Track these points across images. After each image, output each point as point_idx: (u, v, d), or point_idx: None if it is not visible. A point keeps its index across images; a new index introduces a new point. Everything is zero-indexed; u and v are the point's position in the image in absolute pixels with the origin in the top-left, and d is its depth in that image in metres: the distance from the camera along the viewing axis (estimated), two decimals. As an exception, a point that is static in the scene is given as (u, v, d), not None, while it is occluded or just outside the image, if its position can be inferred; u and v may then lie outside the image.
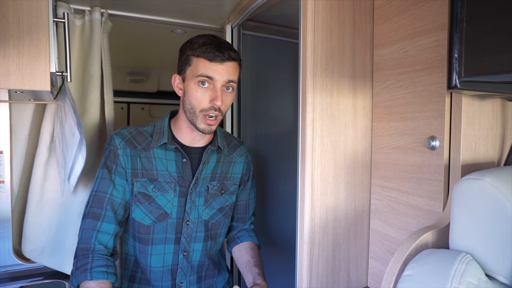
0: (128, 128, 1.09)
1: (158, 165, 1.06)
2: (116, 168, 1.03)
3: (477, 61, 0.70)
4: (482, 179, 0.71)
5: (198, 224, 1.11)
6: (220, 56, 0.96)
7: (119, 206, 1.03)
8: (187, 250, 1.10)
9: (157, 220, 1.06)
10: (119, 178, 1.04)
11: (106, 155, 1.05)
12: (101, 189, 1.02)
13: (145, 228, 1.06)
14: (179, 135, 1.09)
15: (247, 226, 1.29)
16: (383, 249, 1.10)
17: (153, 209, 1.05)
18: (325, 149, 1.05)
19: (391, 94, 1.06)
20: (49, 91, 0.91)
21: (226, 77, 0.98)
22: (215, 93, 0.97)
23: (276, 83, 1.76)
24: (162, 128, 1.08)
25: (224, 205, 1.16)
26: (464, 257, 0.70)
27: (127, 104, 3.05)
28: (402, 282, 0.73)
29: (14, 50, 0.84)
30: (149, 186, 1.04)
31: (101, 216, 1.00)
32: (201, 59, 0.97)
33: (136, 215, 1.05)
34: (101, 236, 0.99)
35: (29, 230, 1.31)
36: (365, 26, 1.11)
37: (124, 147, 1.03)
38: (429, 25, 0.92)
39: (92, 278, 0.92)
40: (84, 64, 1.39)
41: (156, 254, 1.08)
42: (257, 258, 1.17)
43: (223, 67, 0.97)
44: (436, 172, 0.91)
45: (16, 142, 1.32)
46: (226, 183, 1.17)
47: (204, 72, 0.96)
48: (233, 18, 1.58)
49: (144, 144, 1.06)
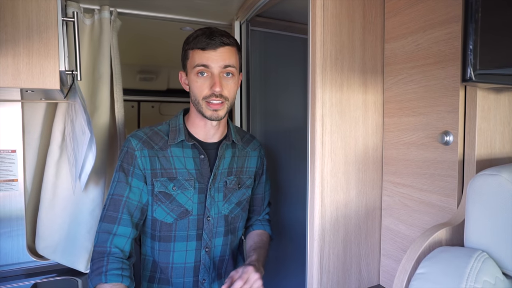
0: (143, 129, 1.09)
1: (176, 163, 1.06)
2: (133, 170, 1.03)
3: (493, 53, 0.68)
4: (498, 174, 0.69)
5: (218, 219, 1.11)
6: (212, 44, 0.97)
7: (135, 209, 1.03)
8: (209, 246, 1.11)
9: (178, 218, 1.06)
10: (136, 180, 1.03)
11: (122, 157, 1.05)
12: (117, 192, 1.02)
13: (167, 226, 1.06)
14: (193, 130, 1.10)
15: (261, 217, 1.30)
16: (395, 246, 1.08)
17: (174, 207, 1.05)
18: (335, 145, 1.03)
19: (403, 88, 1.03)
20: (59, 90, 0.91)
21: (221, 63, 0.99)
22: (213, 80, 0.99)
23: (285, 79, 1.74)
24: (177, 125, 1.09)
25: (242, 198, 1.17)
26: (480, 255, 0.68)
27: (137, 103, 3.08)
28: (415, 281, 0.71)
29: (24, 49, 0.85)
30: (169, 185, 1.05)
31: (117, 220, 1.00)
32: (196, 50, 0.99)
33: (157, 215, 1.06)
34: (117, 239, 0.99)
35: (42, 228, 1.33)
36: (376, 20, 1.08)
37: (142, 148, 1.04)
38: (442, 17, 0.89)
39: (107, 281, 0.92)
40: (93, 62, 1.40)
41: (179, 251, 1.08)
42: (258, 244, 1.16)
43: (216, 53, 0.98)
44: (449, 168, 0.89)
45: (29, 141, 1.33)
46: (242, 177, 1.18)
47: (199, 61, 0.98)
48: (241, 14, 1.57)
49: (161, 144, 1.06)
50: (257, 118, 1.72)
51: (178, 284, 1.10)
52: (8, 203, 1.29)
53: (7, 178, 1.29)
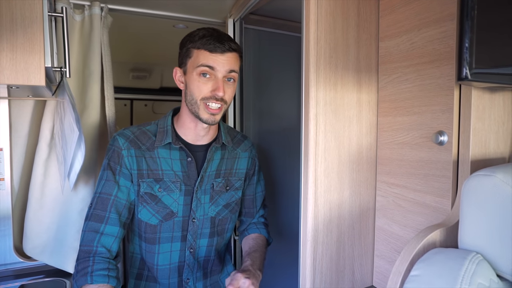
0: (130, 128, 1.07)
1: (163, 164, 1.05)
2: (120, 169, 1.02)
3: (489, 51, 0.67)
4: (493, 175, 0.68)
5: (203, 221, 1.11)
6: (221, 47, 0.96)
7: (124, 208, 1.02)
8: (193, 247, 1.10)
9: (163, 220, 1.05)
10: (123, 180, 1.02)
11: (109, 156, 1.03)
12: (105, 191, 1.00)
13: (152, 228, 1.05)
14: (182, 132, 1.08)
15: (255, 220, 1.27)
16: (388, 247, 1.07)
17: (160, 209, 1.04)
18: (329, 145, 1.02)
19: (397, 87, 1.02)
20: (45, 87, 0.89)
21: (227, 67, 0.98)
22: (217, 84, 0.97)
23: (279, 77, 1.73)
24: (165, 127, 1.07)
25: (230, 201, 1.16)
26: (474, 257, 0.67)
27: (130, 101, 3.04)
28: (409, 283, 0.70)
29: (7, 44, 0.82)
30: (155, 186, 1.03)
31: (105, 219, 0.98)
32: (202, 51, 0.97)
33: (142, 216, 1.05)
34: (104, 238, 0.97)
35: (30, 228, 1.30)
36: (370, 18, 1.07)
37: (128, 148, 1.02)
38: (437, 15, 0.88)
39: (93, 282, 0.90)
40: (84, 60, 1.37)
41: (163, 252, 1.07)
42: (253, 248, 1.15)
43: (224, 57, 0.97)
44: (444, 168, 0.88)
45: (16, 139, 1.30)
46: (231, 179, 1.16)
47: (205, 62, 0.96)
48: (235, 12, 1.55)
49: (148, 144, 1.05)
50: (250, 117, 1.70)
51: (164, 284, 1.10)
52: (-5, 202, 1.26)
53: (-6, 177, 1.26)
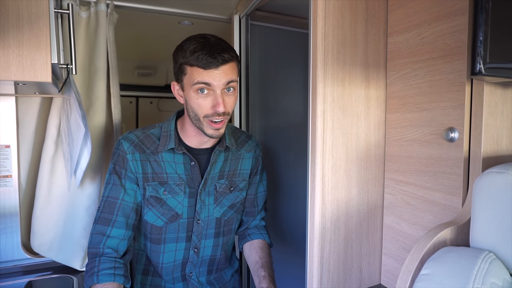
0: (135, 131, 1.07)
1: (167, 168, 1.05)
2: (125, 173, 1.03)
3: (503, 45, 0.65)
4: (506, 172, 0.67)
5: (208, 222, 1.11)
6: (214, 62, 0.90)
7: (131, 210, 1.03)
8: (197, 247, 1.12)
9: (169, 221, 1.07)
10: (129, 183, 1.03)
11: (115, 160, 1.04)
12: (112, 195, 1.02)
13: (157, 229, 1.07)
14: (186, 138, 1.07)
15: (257, 222, 1.26)
16: (397, 245, 1.06)
17: (165, 211, 1.06)
18: (336, 142, 1.01)
19: (406, 83, 1.01)
20: (52, 83, 0.88)
21: (224, 80, 0.93)
22: (216, 100, 0.93)
23: (285, 74, 1.71)
24: (168, 131, 1.06)
25: (235, 201, 1.16)
26: (487, 256, 0.66)
27: (136, 98, 3.04)
28: (419, 282, 0.69)
29: (13, 40, 0.82)
30: (160, 190, 1.04)
31: (111, 222, 1.00)
32: (195, 68, 0.92)
33: (148, 218, 1.06)
34: (110, 241, 0.99)
35: (37, 224, 1.30)
36: (379, 13, 1.05)
37: (133, 152, 1.02)
38: (448, 9, 0.86)
39: (99, 281, 0.93)
40: (90, 56, 1.37)
41: (168, 251, 1.09)
42: (265, 259, 1.14)
43: (219, 71, 0.92)
44: (454, 165, 0.86)
45: (23, 136, 1.31)
46: (235, 180, 1.15)
47: (200, 79, 0.92)
48: (241, 8, 1.54)
49: (153, 148, 1.05)
50: (256, 114, 1.69)
51: (168, 279, 1.13)
52: (2, 199, 1.27)
53: (1, 174, 1.26)
